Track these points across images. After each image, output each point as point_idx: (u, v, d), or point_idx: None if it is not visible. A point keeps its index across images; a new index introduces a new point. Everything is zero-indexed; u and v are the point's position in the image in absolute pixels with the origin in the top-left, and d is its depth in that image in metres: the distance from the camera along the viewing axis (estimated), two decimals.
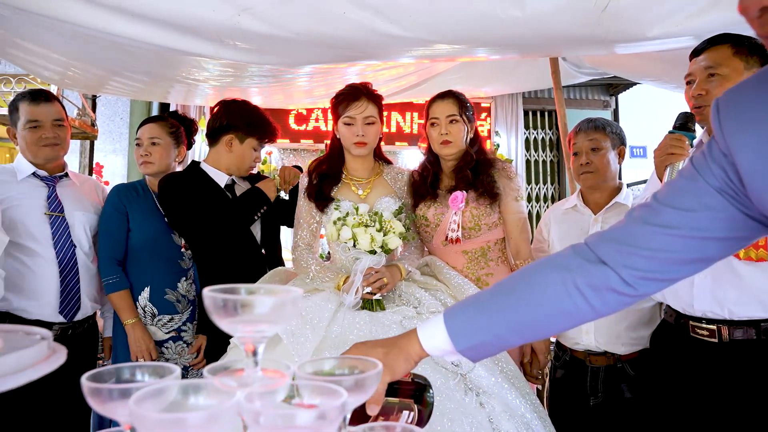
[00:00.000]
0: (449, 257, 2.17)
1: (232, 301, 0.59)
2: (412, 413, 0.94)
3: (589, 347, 2.12)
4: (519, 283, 0.98)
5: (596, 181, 2.15)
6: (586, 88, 5.99)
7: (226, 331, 0.61)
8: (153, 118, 2.53)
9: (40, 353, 0.66)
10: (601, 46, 2.43)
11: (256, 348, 0.62)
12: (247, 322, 0.60)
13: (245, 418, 0.57)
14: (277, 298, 0.61)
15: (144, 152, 2.41)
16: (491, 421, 1.64)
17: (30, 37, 2.53)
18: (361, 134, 2.10)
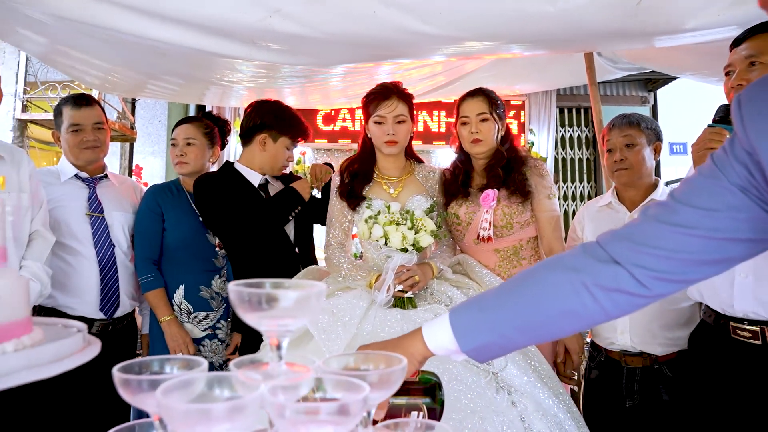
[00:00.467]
0: (481, 256, 2.15)
1: (257, 295, 0.60)
2: (421, 413, 0.93)
3: (625, 347, 2.07)
4: (526, 283, 0.95)
5: (631, 178, 2.10)
6: (623, 83, 5.85)
7: (251, 325, 0.62)
8: (188, 118, 2.58)
9: (76, 345, 0.68)
10: (637, 40, 2.37)
11: (280, 342, 0.63)
12: (271, 316, 0.60)
13: (268, 410, 0.57)
14: (301, 293, 0.61)
15: (179, 152, 2.45)
16: (523, 420, 1.62)
17: (72, 44, 2.62)
18: (392, 133, 2.10)
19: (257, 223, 2.24)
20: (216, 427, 0.54)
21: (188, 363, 0.66)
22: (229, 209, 2.23)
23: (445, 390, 1.61)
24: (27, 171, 2.01)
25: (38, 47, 2.82)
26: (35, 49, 2.96)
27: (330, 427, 0.56)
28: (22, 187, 1.97)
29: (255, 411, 0.56)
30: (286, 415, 0.56)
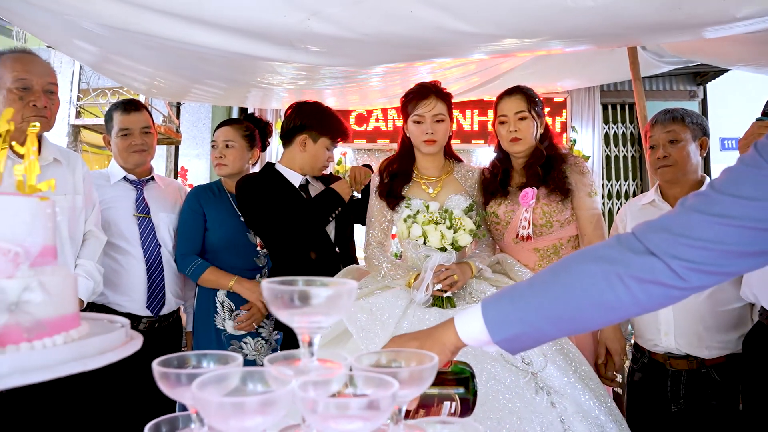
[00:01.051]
0: (521, 255, 2.12)
1: (289, 292, 0.61)
2: (454, 403, 0.92)
3: (669, 349, 2.01)
4: (558, 274, 0.93)
5: (675, 174, 2.04)
6: (669, 77, 5.65)
7: (284, 321, 0.63)
8: (228, 121, 2.63)
9: (119, 339, 0.71)
10: (684, 32, 2.28)
11: (312, 338, 0.64)
12: (303, 313, 0.62)
13: (299, 405, 0.59)
14: (333, 290, 0.62)
15: (219, 154, 2.50)
16: (563, 421, 1.60)
17: (121, 52, 2.73)
18: (431, 132, 2.10)
19: (298, 224, 2.27)
20: (249, 420, 0.55)
21: (225, 358, 0.68)
22: (270, 211, 2.26)
23: (483, 389, 1.61)
24: (81, 174, 2.10)
25: (90, 56, 2.94)
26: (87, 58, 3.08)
27: (359, 423, 0.57)
28: (77, 189, 2.07)
29: (286, 405, 0.58)
30: (317, 410, 0.57)
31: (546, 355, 1.76)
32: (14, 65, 1.90)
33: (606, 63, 3.66)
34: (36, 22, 2.52)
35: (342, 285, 0.63)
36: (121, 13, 2.03)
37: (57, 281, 0.68)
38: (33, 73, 1.92)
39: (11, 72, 1.89)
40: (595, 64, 3.75)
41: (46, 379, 0.61)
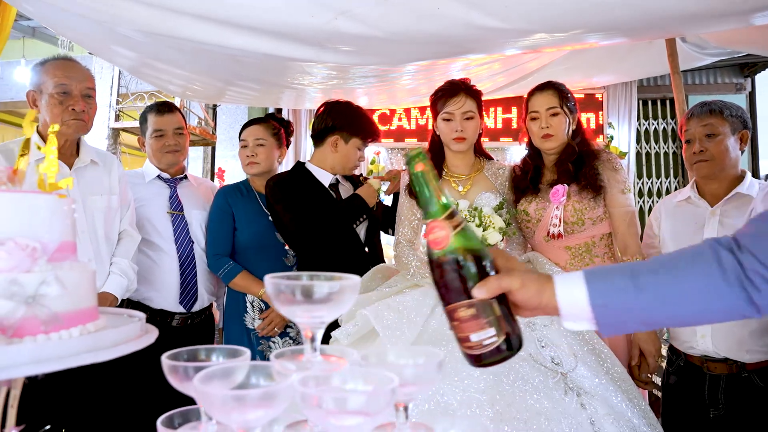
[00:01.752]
0: (552, 253, 2.08)
1: (291, 286, 0.61)
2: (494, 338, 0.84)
3: (707, 352, 1.93)
4: (674, 274, 0.86)
5: (712, 170, 1.95)
6: (714, 70, 5.43)
7: (287, 317, 0.64)
8: (256, 120, 2.65)
9: (133, 332, 0.73)
10: (729, 20, 2.15)
11: (314, 334, 0.64)
12: (305, 308, 0.62)
13: (298, 399, 0.59)
14: (334, 284, 0.62)
15: (250, 153, 2.52)
16: (593, 423, 1.57)
17: (157, 56, 2.80)
18: (460, 129, 2.09)
19: (323, 228, 2.28)
20: (251, 414, 0.56)
21: (233, 352, 0.69)
22: (297, 213, 2.28)
23: (510, 389, 1.58)
24: (117, 175, 2.17)
25: (127, 61, 3.03)
26: (125, 63, 3.18)
27: (359, 418, 0.57)
28: (112, 190, 2.14)
29: (287, 399, 0.58)
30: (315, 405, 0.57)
31: (577, 355, 1.73)
32: (55, 72, 1.99)
33: (643, 56, 3.57)
34: (77, 30, 2.62)
35: (345, 280, 0.63)
36: (155, 18, 2.09)
37: (74, 276, 0.70)
38: (72, 78, 2.00)
39: (52, 78, 1.98)
40: (632, 58, 3.65)
41: (60, 369, 0.62)
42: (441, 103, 2.13)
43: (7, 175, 0.72)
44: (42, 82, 2.00)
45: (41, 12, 2.38)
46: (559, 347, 1.73)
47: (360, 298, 1.99)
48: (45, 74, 2.00)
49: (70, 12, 2.21)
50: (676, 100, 3.00)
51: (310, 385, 0.59)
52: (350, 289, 0.63)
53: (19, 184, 0.73)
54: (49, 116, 1.98)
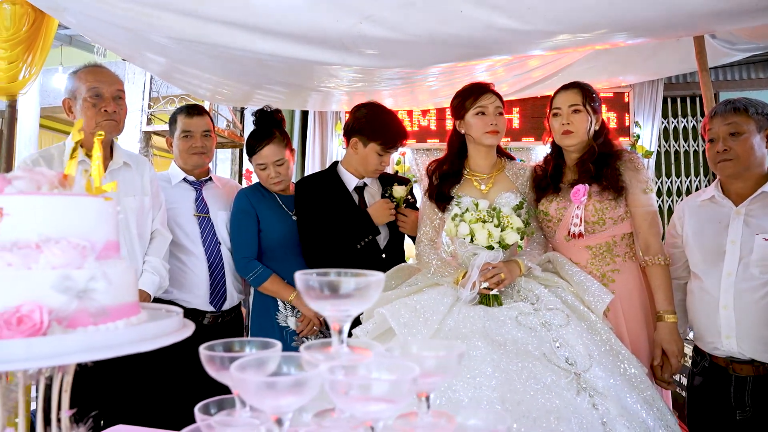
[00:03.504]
0: (572, 253, 2.09)
1: (319, 282, 0.66)
2: None
3: (732, 354, 1.89)
4: None
5: (736, 169, 1.92)
6: (746, 65, 5.32)
7: (316, 310, 0.68)
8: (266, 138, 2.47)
9: (173, 325, 0.78)
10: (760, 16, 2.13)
11: (341, 326, 0.68)
12: (333, 302, 0.66)
13: (326, 386, 0.63)
14: (361, 280, 0.66)
15: (273, 174, 2.45)
16: (605, 423, 1.57)
17: (187, 62, 2.89)
18: (494, 123, 2.12)
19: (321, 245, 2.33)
20: (282, 400, 0.60)
21: (265, 344, 0.74)
22: (304, 222, 2.36)
23: (522, 388, 1.60)
24: (149, 176, 2.26)
25: (159, 66, 3.13)
26: (156, 69, 3.28)
27: (383, 405, 0.61)
28: (145, 191, 2.22)
29: (316, 387, 0.62)
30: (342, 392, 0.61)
31: (592, 355, 1.73)
32: (87, 77, 2.11)
33: (671, 54, 3.52)
34: (111, 39, 2.72)
35: (370, 276, 0.67)
36: (190, 26, 2.17)
37: (119, 272, 0.76)
38: (103, 82, 2.12)
39: (85, 83, 2.10)
40: (660, 56, 3.61)
41: (107, 357, 0.68)
42: (471, 101, 2.16)
43: (59, 179, 0.78)
44: (75, 89, 2.11)
45: (81, 23, 2.49)
46: (574, 347, 1.74)
47: (381, 296, 2.02)
48: (78, 81, 2.12)
49: (109, 22, 2.31)
50: (704, 98, 2.96)
51: (337, 374, 0.63)
52: (375, 284, 0.67)
53: (70, 188, 0.79)
54: (84, 119, 2.08)
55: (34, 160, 2.03)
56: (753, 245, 1.87)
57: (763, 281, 1.84)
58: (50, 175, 0.79)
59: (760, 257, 1.85)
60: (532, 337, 1.75)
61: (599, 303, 1.89)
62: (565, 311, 1.84)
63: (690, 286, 2.06)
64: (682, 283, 2.11)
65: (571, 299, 1.92)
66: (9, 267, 0.67)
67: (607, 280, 2.02)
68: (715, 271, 1.93)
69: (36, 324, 0.64)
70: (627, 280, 2.04)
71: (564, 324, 1.79)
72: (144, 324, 0.75)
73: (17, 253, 0.67)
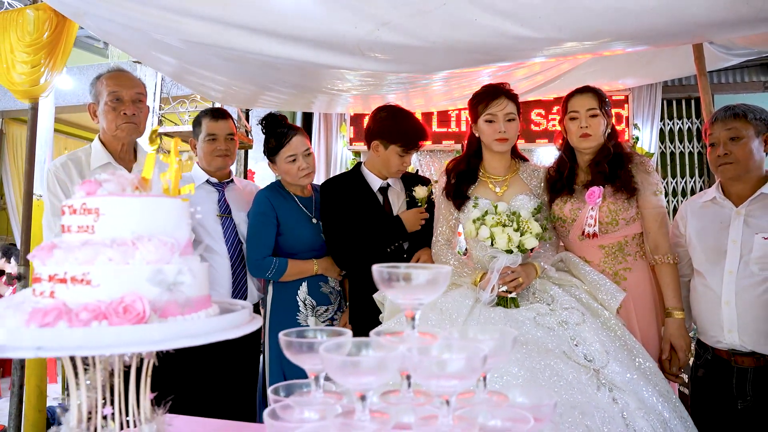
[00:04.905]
0: (586, 252, 2.18)
1: (395, 274, 0.73)
2: None
3: (734, 346, 2.00)
4: None
5: (737, 172, 2.02)
6: (741, 69, 5.43)
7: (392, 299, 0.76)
8: (294, 130, 2.57)
9: (246, 317, 0.86)
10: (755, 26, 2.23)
11: (414, 313, 0.76)
12: (407, 292, 0.74)
13: (408, 365, 0.71)
14: (431, 272, 0.74)
15: (304, 165, 2.50)
16: (624, 417, 1.64)
17: (199, 64, 2.94)
18: (503, 130, 2.17)
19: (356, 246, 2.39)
20: (364, 378, 0.68)
21: (336, 333, 0.82)
22: (330, 226, 2.43)
23: (546, 385, 1.67)
24: None
25: (170, 67, 3.19)
26: (168, 70, 3.33)
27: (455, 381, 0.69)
28: None
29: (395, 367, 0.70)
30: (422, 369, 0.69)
31: (608, 351, 1.81)
32: (108, 81, 2.21)
33: (670, 59, 3.61)
34: (124, 39, 2.77)
35: (439, 269, 0.75)
36: (209, 31, 2.23)
37: (198, 267, 0.83)
38: (123, 86, 2.20)
39: (106, 87, 2.19)
40: (659, 61, 3.70)
41: (195, 344, 0.75)
42: (482, 106, 2.21)
43: (139, 182, 0.86)
44: (98, 93, 2.20)
45: (100, 26, 2.54)
46: (591, 345, 1.82)
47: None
48: (100, 86, 2.21)
49: (129, 27, 2.37)
50: (702, 102, 3.06)
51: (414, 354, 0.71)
52: (443, 276, 0.75)
53: (149, 190, 0.87)
54: (105, 122, 2.16)
55: (63, 163, 2.10)
56: (753, 244, 1.97)
57: (763, 278, 1.95)
58: (131, 178, 0.86)
59: (759, 255, 1.95)
60: (551, 337, 1.82)
61: (613, 301, 1.98)
62: (580, 310, 1.92)
63: (693, 283, 2.16)
64: (686, 280, 2.21)
65: (585, 298, 2.00)
66: (110, 262, 0.74)
67: (620, 278, 2.11)
68: (718, 268, 2.03)
69: (139, 313, 0.71)
70: (638, 278, 2.13)
71: (580, 322, 1.86)
72: (221, 315, 0.82)
73: (117, 249, 0.75)
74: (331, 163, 5.46)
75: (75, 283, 0.72)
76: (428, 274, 0.73)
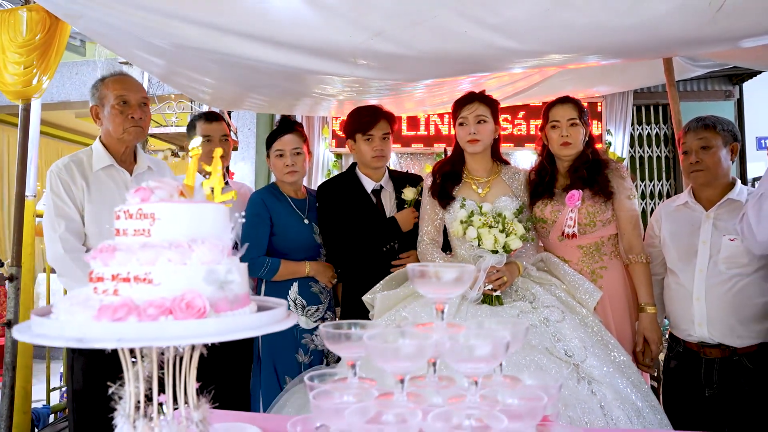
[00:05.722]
0: (565, 252, 2.31)
1: (427, 272, 0.84)
2: None
3: (703, 339, 2.17)
4: None
5: (707, 178, 2.20)
6: (705, 79, 5.70)
7: (423, 293, 0.86)
8: (287, 128, 2.66)
9: (282, 313, 0.94)
10: (720, 44, 2.39)
11: (444, 307, 0.87)
12: (436, 288, 0.84)
13: (441, 351, 0.81)
14: (457, 270, 0.85)
15: (290, 162, 2.58)
16: (602, 407, 1.77)
17: (188, 66, 2.97)
18: (473, 132, 2.31)
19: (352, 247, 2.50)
20: (402, 363, 0.78)
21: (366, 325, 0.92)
22: (327, 229, 2.54)
23: None
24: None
25: (158, 69, 3.21)
26: (156, 70, 3.36)
27: (482, 364, 0.79)
28: None
29: (429, 354, 0.80)
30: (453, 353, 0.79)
31: (586, 347, 1.94)
32: (115, 85, 2.23)
33: (641, 69, 3.80)
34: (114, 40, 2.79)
35: (463, 268, 0.85)
36: (207, 37, 2.28)
37: (241, 267, 0.92)
38: (130, 90, 2.23)
39: (113, 91, 2.21)
40: (631, 71, 3.88)
41: (246, 337, 0.84)
42: (457, 111, 2.37)
43: (183, 188, 0.94)
44: (103, 96, 2.22)
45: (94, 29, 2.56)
46: (571, 341, 1.95)
47: (389, 295, 2.20)
48: (105, 89, 2.23)
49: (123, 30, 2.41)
50: (672, 110, 3.25)
51: (446, 341, 0.81)
52: (468, 274, 0.85)
53: (192, 197, 0.95)
54: (112, 125, 2.19)
55: (66, 164, 2.14)
56: (721, 245, 2.14)
57: (729, 276, 2.12)
58: (175, 185, 0.94)
59: (726, 255, 2.12)
60: (534, 333, 1.94)
61: (590, 299, 2.12)
62: (560, 308, 2.05)
63: (667, 281, 2.32)
64: (659, 278, 2.37)
65: (565, 296, 2.14)
66: (169, 262, 0.82)
67: (596, 276, 2.25)
68: (689, 267, 2.19)
69: (200, 309, 0.79)
70: (613, 276, 2.28)
71: (560, 319, 2.00)
72: (263, 312, 0.91)
73: (175, 251, 0.83)
74: (313, 165, 5.54)
75: (138, 282, 0.80)
76: (455, 272, 0.83)
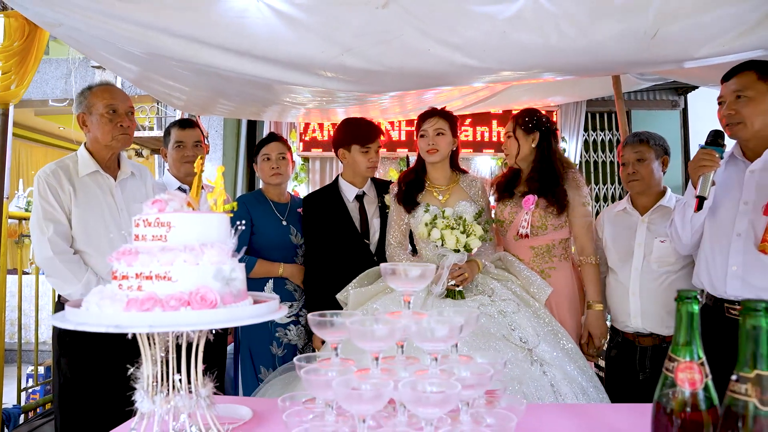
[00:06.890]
0: (519, 250, 2.55)
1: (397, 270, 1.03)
2: None
3: (638, 329, 2.44)
4: None
5: (642, 187, 2.48)
6: (653, 90, 6.06)
7: (394, 287, 1.05)
8: (275, 136, 2.93)
9: (276, 305, 1.12)
10: (654, 66, 2.69)
11: (411, 299, 1.06)
12: (403, 283, 1.04)
13: (408, 333, 1.00)
14: (421, 268, 1.05)
15: (275, 165, 2.80)
16: (553, 385, 2.02)
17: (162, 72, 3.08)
18: (432, 143, 2.53)
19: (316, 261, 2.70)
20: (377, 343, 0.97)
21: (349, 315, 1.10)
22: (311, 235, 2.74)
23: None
24: (151, 184, 2.50)
25: (132, 74, 3.31)
26: (130, 76, 3.45)
27: (442, 344, 0.99)
28: (149, 197, 2.44)
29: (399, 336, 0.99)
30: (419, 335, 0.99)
31: (539, 335, 2.19)
32: (103, 94, 2.33)
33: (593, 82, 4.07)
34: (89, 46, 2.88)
35: (426, 267, 1.05)
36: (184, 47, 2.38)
37: (241, 266, 1.09)
38: (117, 99, 2.35)
39: (102, 100, 2.31)
40: (584, 83, 4.15)
41: (250, 323, 1.02)
42: (420, 124, 2.59)
43: (190, 200, 1.11)
44: (92, 104, 2.32)
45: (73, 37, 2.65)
46: (525, 329, 2.19)
47: (361, 291, 2.40)
48: (93, 97, 2.33)
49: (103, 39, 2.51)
50: (619, 122, 3.54)
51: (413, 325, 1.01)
52: (429, 272, 1.05)
53: (197, 208, 1.12)
54: (100, 133, 2.30)
55: (53, 170, 2.23)
56: (653, 247, 2.41)
57: (660, 273, 2.40)
58: (182, 198, 1.11)
59: (658, 256, 2.40)
60: (492, 323, 2.18)
61: (542, 294, 2.37)
62: (515, 301, 2.29)
63: (608, 279, 2.59)
64: (603, 277, 2.63)
65: (519, 291, 2.38)
66: (185, 263, 0.99)
67: (545, 275, 2.49)
68: (627, 266, 2.46)
69: (213, 301, 0.97)
70: (560, 277, 2.52)
71: (516, 311, 2.23)
72: (260, 304, 1.09)
73: (189, 253, 1.00)
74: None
75: (159, 279, 0.97)
76: (420, 270, 1.03)
